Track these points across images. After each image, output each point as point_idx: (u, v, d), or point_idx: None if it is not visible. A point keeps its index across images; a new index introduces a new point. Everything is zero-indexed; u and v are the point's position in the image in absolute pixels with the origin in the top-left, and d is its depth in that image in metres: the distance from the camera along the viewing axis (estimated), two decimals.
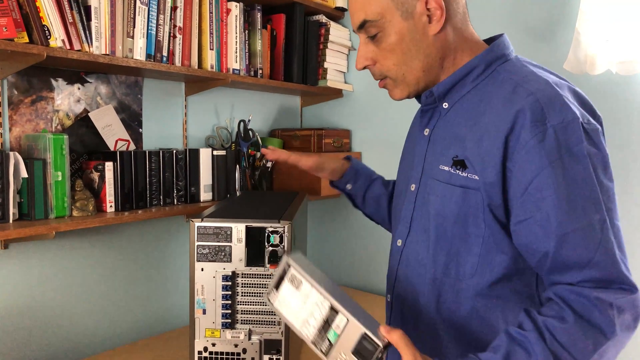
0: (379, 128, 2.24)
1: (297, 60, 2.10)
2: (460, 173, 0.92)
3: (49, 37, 1.32)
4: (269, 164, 2.10)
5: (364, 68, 1.01)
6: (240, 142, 2.01)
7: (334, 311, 0.83)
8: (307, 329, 0.86)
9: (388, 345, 0.80)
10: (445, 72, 0.99)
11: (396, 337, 0.79)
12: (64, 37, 1.35)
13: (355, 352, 0.80)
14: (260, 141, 2.12)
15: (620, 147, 1.69)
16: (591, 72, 1.67)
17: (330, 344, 0.83)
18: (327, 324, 0.84)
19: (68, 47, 1.37)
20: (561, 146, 0.83)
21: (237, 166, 1.97)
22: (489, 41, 1.03)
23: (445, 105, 1.00)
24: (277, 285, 0.89)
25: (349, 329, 0.81)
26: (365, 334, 0.80)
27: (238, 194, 1.95)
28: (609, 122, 1.69)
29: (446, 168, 0.95)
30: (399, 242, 1.05)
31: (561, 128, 0.84)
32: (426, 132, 1.04)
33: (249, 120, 2.06)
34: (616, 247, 0.83)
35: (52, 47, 1.33)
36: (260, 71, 1.99)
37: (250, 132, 2.04)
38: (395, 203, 1.14)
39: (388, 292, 1.09)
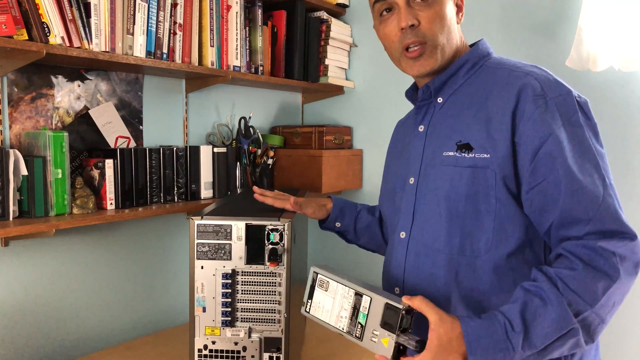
0: (380, 125, 2.23)
1: (298, 57, 2.09)
2: (466, 155, 0.99)
3: (48, 34, 1.32)
4: (270, 161, 2.10)
5: (411, 27, 1.02)
6: (241, 139, 2.01)
7: (358, 296, 0.93)
8: (341, 322, 0.95)
9: (411, 310, 0.88)
10: (454, 60, 1.08)
11: (418, 302, 0.88)
12: (64, 34, 1.35)
13: (383, 323, 0.89)
14: (261, 138, 2.12)
15: (623, 142, 1.68)
16: (593, 69, 1.66)
17: (362, 327, 0.92)
18: (355, 309, 0.93)
19: (67, 44, 1.36)
20: (562, 115, 0.93)
21: (238, 163, 1.97)
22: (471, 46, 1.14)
23: (439, 100, 1.09)
24: (310, 295, 1.00)
25: (374, 305, 0.90)
26: (387, 303, 0.88)
27: (239, 191, 1.95)
28: (611, 118, 1.69)
29: (451, 153, 1.02)
30: (403, 235, 1.09)
31: (560, 100, 0.94)
32: (421, 128, 1.11)
33: (249, 118, 2.05)
34: (616, 201, 0.92)
35: (52, 44, 1.33)
36: (261, 68, 1.98)
37: (251, 129, 2.04)
38: (386, 202, 1.20)
39: (395, 284, 1.11)
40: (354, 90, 2.31)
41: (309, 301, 1.00)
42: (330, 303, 0.97)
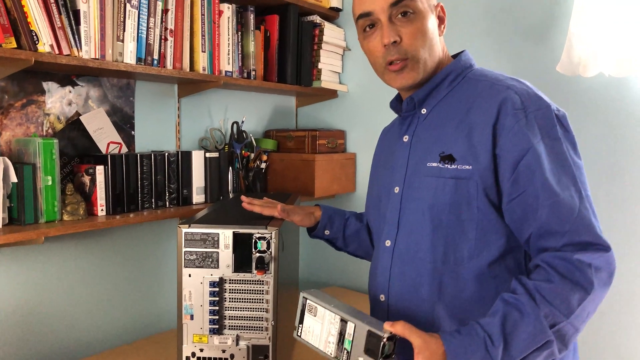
0: (373, 128, 2.22)
1: (290, 61, 2.09)
2: (449, 166, 1.01)
3: (37, 42, 1.32)
4: (263, 165, 2.10)
5: (393, 43, 1.04)
6: (234, 144, 2.01)
7: (344, 322, 0.95)
8: (329, 348, 0.97)
9: (393, 337, 0.89)
10: (437, 72, 1.10)
11: (400, 328, 0.89)
12: (52, 42, 1.35)
13: (366, 350, 0.90)
14: (254, 142, 2.12)
15: (613, 147, 1.68)
16: (584, 75, 1.66)
17: (348, 353, 0.94)
18: (341, 336, 0.95)
19: (57, 51, 1.36)
20: (541, 129, 0.95)
21: (230, 168, 1.97)
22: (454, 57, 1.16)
23: (423, 111, 1.11)
24: (301, 320, 1.02)
25: (357, 332, 0.92)
26: (370, 330, 0.90)
27: (231, 195, 1.96)
28: (601, 124, 1.69)
29: (434, 164, 1.04)
30: (388, 243, 1.11)
31: (539, 114, 0.96)
32: (405, 138, 1.13)
33: (242, 122, 2.06)
34: (591, 213, 0.94)
35: (41, 52, 1.33)
36: (253, 72, 1.98)
37: (243, 133, 2.04)
38: (372, 209, 1.22)
39: (381, 292, 1.12)
40: (348, 94, 2.31)
41: (300, 326, 1.02)
42: (319, 328, 0.99)
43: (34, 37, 1.32)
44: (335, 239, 1.40)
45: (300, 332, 1.02)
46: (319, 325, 0.99)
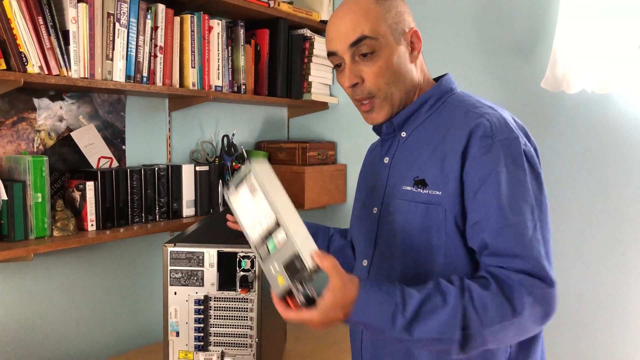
0: (364, 140, 2.25)
1: (281, 75, 2.12)
2: (421, 191, 1.02)
3: (26, 63, 1.35)
4: None
5: (354, 85, 1.07)
6: (224, 157, 2.04)
7: (278, 225, 0.90)
8: (254, 233, 0.93)
9: (317, 270, 0.87)
10: (415, 98, 1.10)
11: (327, 264, 0.87)
12: (42, 63, 1.38)
13: (286, 266, 0.88)
14: (245, 154, 2.14)
15: (597, 162, 1.71)
16: (567, 91, 1.68)
17: (268, 252, 0.91)
18: (269, 234, 0.91)
19: (46, 72, 1.39)
20: (506, 156, 0.96)
21: (221, 181, 2.00)
22: (436, 79, 1.15)
23: (403, 134, 1.11)
24: (237, 186, 0.96)
25: (286, 245, 0.88)
26: (298, 254, 0.86)
27: (221, 208, 1.98)
28: (585, 139, 1.71)
29: (408, 188, 1.05)
30: (365, 262, 1.13)
31: (506, 142, 0.97)
32: (386, 160, 1.14)
33: (233, 135, 2.08)
34: (542, 246, 0.93)
35: (30, 73, 1.35)
36: (243, 86, 2.01)
37: (233, 147, 2.07)
38: (354, 227, 1.23)
39: None
40: (338, 106, 2.33)
41: (234, 189, 0.97)
42: (252, 210, 0.93)
43: (23, 58, 1.34)
44: None
45: (232, 197, 0.97)
46: (253, 207, 0.94)
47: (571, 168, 1.76)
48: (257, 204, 0.92)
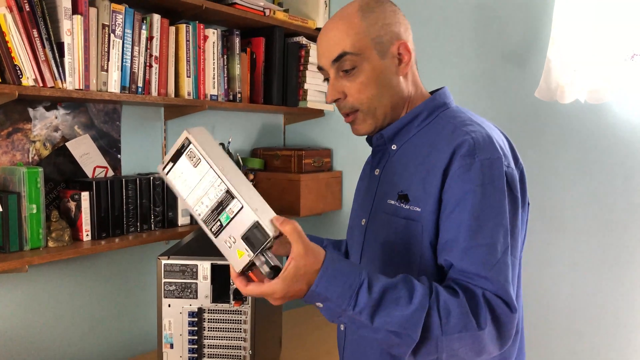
0: (359, 147, 2.26)
1: (277, 82, 2.12)
2: (404, 206, 1.01)
3: (21, 76, 1.35)
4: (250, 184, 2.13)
5: (335, 101, 1.07)
6: None
7: (229, 195, 0.83)
8: (200, 208, 0.85)
9: (278, 236, 0.82)
10: (404, 113, 1.09)
11: (289, 229, 0.82)
12: (36, 76, 1.38)
13: (245, 237, 0.82)
14: (241, 161, 2.15)
15: (589, 171, 1.72)
16: (561, 101, 1.69)
17: (221, 226, 0.84)
18: (220, 206, 0.83)
19: (40, 84, 1.39)
20: (485, 176, 0.93)
21: None
22: (434, 92, 1.13)
23: (393, 147, 1.10)
24: (174, 159, 0.87)
25: (242, 215, 0.82)
26: (258, 222, 0.81)
27: None
28: (577, 148, 1.72)
29: (393, 202, 1.04)
30: None
31: (487, 162, 0.94)
32: (377, 172, 1.13)
33: (229, 143, 2.09)
34: (509, 272, 0.91)
35: (24, 86, 1.36)
36: (239, 95, 2.01)
37: (229, 155, 2.07)
38: (349, 236, 1.24)
39: None
40: (334, 113, 2.34)
41: (171, 164, 0.87)
42: (195, 182, 0.85)
43: (18, 71, 1.35)
44: None
45: (169, 172, 0.87)
46: (196, 179, 0.85)
47: (564, 177, 1.77)
48: (201, 175, 0.85)
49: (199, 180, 0.85)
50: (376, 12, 1.04)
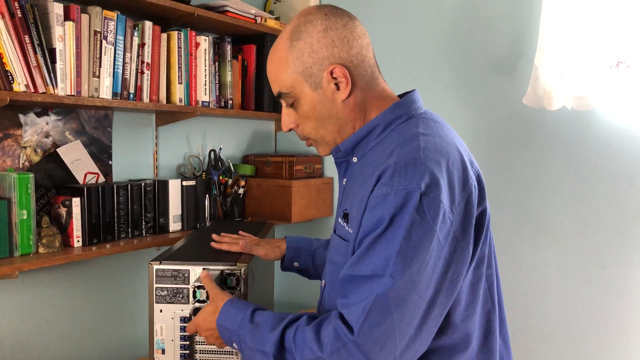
0: None
1: (268, 89, 2.13)
2: (345, 226, 1.00)
3: (12, 81, 1.35)
4: (241, 191, 2.14)
5: (289, 130, 1.09)
6: (211, 171, 2.05)
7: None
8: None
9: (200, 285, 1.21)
10: (356, 130, 1.05)
11: (202, 278, 1.18)
12: (28, 82, 1.38)
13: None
14: (232, 168, 2.16)
15: (576, 176, 1.74)
16: (548, 107, 1.72)
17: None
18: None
19: (32, 90, 1.40)
20: (395, 208, 0.87)
21: (208, 195, 2.01)
22: (405, 94, 1.08)
23: (354, 159, 1.07)
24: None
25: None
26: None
27: (208, 223, 1.99)
28: (565, 154, 1.75)
29: (340, 220, 1.03)
30: (323, 283, 1.13)
31: (402, 193, 0.87)
32: (344, 181, 1.11)
33: (220, 149, 2.09)
34: (373, 307, 0.85)
35: (16, 92, 1.36)
36: (230, 101, 2.02)
37: (220, 161, 2.08)
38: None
39: None
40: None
41: None
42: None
43: (9, 77, 1.35)
44: (305, 269, 1.42)
45: None
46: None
47: (551, 183, 1.80)
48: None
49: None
50: (303, 38, 1.00)
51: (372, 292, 0.85)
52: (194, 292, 1.25)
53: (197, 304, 1.24)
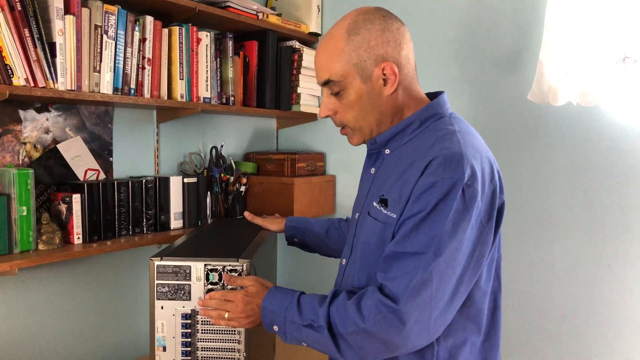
0: (352, 151, 2.26)
1: (269, 86, 2.12)
2: (383, 210, 1.08)
3: (11, 75, 1.34)
4: (243, 188, 2.12)
5: (326, 117, 1.16)
6: (213, 168, 2.03)
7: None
8: None
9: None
10: (393, 124, 1.14)
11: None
12: (27, 76, 1.36)
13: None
14: (234, 165, 2.14)
15: (582, 172, 1.73)
16: (553, 104, 1.70)
17: None
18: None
19: (32, 84, 1.38)
20: (441, 195, 0.98)
21: (209, 192, 1.99)
22: (434, 95, 1.18)
23: (387, 151, 1.16)
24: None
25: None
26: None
27: (209, 221, 1.97)
28: (570, 150, 1.73)
29: (375, 204, 1.11)
30: (344, 261, 1.21)
31: (448, 182, 0.98)
32: (372, 171, 1.20)
33: (221, 147, 2.07)
34: (420, 284, 0.97)
35: (15, 86, 1.34)
36: (232, 98, 2.00)
37: (221, 159, 2.06)
38: (349, 224, 1.31)
39: None
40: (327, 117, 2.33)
41: None
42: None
43: (9, 70, 1.33)
44: (304, 244, 1.60)
45: None
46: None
47: (557, 180, 1.78)
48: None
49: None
50: (361, 33, 1.08)
51: (415, 267, 0.97)
52: (207, 274, 1.25)
53: (209, 286, 1.25)
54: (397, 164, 1.10)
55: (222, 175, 2.06)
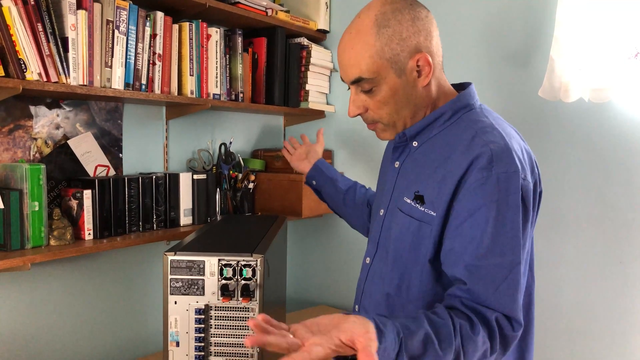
0: (360, 148, 2.26)
1: (278, 83, 2.11)
2: (419, 207, 1.03)
3: (25, 70, 1.33)
4: (251, 185, 2.12)
5: (357, 115, 1.10)
6: (222, 165, 2.02)
7: None
8: None
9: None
10: (427, 115, 1.10)
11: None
12: (40, 70, 1.36)
13: None
14: (242, 162, 2.14)
15: (594, 169, 1.72)
16: (565, 100, 1.69)
17: None
18: None
19: (44, 79, 1.38)
20: (500, 191, 0.94)
21: (218, 189, 1.99)
22: (459, 86, 1.14)
23: (415, 143, 1.11)
24: None
25: None
26: None
27: (219, 217, 1.97)
28: (582, 147, 1.72)
29: (408, 201, 1.06)
30: (367, 260, 1.17)
31: (504, 177, 0.94)
32: (396, 164, 1.15)
33: (230, 143, 2.07)
34: (518, 287, 0.95)
35: (28, 80, 1.34)
36: (241, 95, 2.00)
37: (230, 155, 2.06)
38: (371, 225, 1.25)
39: (356, 302, 1.21)
40: (335, 114, 2.33)
41: None
42: None
43: (22, 65, 1.33)
44: (319, 191, 1.58)
45: None
46: None
47: (569, 176, 1.77)
48: None
49: None
50: (392, 25, 1.01)
51: (509, 276, 0.93)
52: (221, 269, 1.23)
53: (223, 281, 1.23)
54: (429, 158, 1.06)
55: (231, 172, 2.05)
